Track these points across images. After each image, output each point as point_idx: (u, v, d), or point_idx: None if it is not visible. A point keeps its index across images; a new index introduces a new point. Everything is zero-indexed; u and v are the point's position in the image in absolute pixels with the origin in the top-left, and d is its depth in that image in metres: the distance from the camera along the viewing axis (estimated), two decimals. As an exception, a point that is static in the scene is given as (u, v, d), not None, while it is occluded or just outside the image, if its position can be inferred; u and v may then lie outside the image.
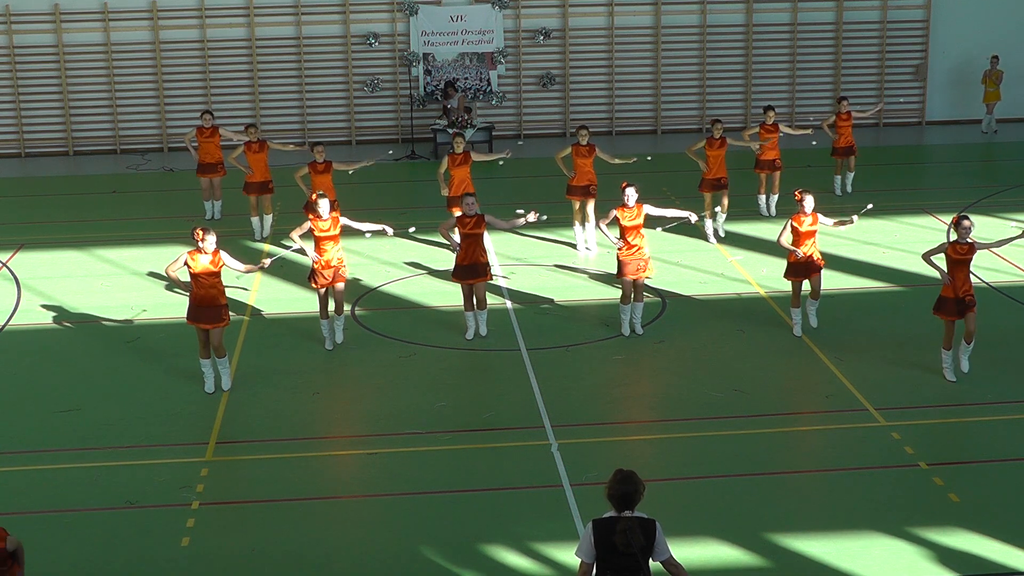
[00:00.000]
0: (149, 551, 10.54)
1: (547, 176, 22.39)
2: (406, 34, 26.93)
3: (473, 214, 14.90)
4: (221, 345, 13.60)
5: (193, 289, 13.45)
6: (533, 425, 12.80)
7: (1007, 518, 10.77)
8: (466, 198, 15.06)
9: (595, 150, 18.41)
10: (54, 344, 15.49)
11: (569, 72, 27.36)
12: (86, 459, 12.25)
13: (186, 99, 26.82)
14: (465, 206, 14.98)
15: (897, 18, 27.78)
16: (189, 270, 13.39)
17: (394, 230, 15.88)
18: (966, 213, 13.69)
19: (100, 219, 21.42)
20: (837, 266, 17.57)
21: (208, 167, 20.56)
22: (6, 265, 18.57)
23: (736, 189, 19.89)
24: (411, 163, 25.49)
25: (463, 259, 14.98)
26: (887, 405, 13.11)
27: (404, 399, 13.53)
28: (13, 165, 26.21)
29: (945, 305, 13.47)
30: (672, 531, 9.01)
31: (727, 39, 27.64)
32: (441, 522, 10.96)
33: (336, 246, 14.73)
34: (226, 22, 26.63)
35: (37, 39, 26.41)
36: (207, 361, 13.70)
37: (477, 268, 14.99)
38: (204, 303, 13.40)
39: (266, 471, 11.99)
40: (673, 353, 14.79)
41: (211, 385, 13.77)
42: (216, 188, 20.73)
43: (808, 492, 11.47)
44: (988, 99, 26.96)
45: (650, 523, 7.77)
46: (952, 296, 13.40)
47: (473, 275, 14.98)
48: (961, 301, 13.37)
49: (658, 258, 17.85)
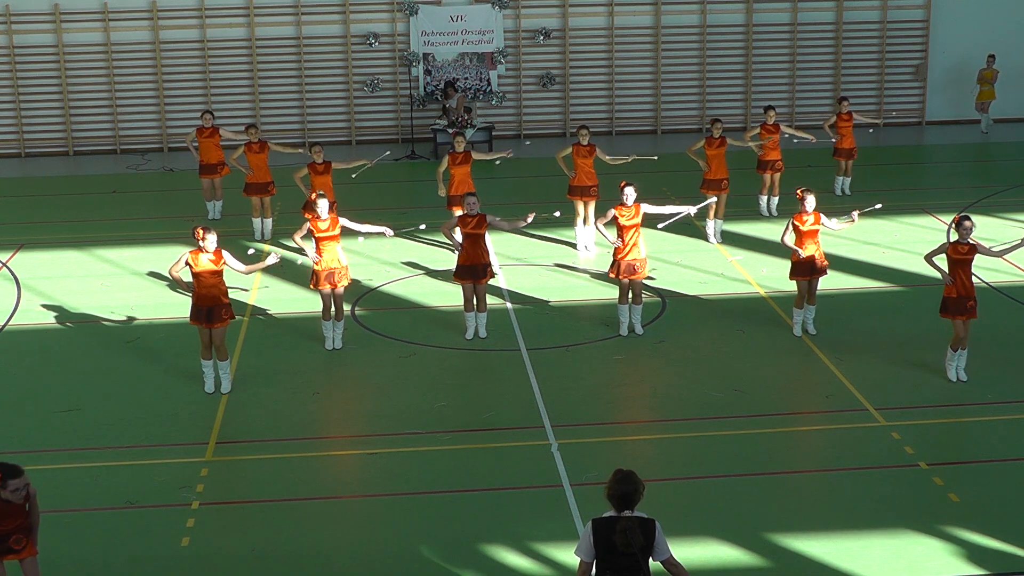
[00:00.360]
0: (149, 551, 10.54)
1: (547, 176, 22.40)
2: (406, 34, 26.93)
3: (475, 214, 14.90)
4: (223, 346, 13.59)
5: (195, 289, 13.45)
6: (533, 425, 12.80)
7: (1007, 518, 10.77)
8: (468, 198, 15.06)
9: (596, 150, 18.42)
10: (54, 344, 15.49)
11: (569, 72, 27.36)
12: (86, 459, 12.25)
13: (186, 99, 26.83)
14: (467, 206, 14.98)
15: (897, 18, 27.78)
16: (191, 270, 13.39)
17: (394, 232, 15.84)
18: (967, 213, 13.69)
19: (100, 219, 21.42)
20: (837, 266, 17.56)
21: (209, 167, 20.56)
22: (6, 265, 18.57)
23: (736, 189, 19.88)
24: (411, 163, 25.49)
25: (465, 259, 14.97)
26: (887, 405, 13.11)
27: (404, 399, 13.53)
28: (13, 165, 26.21)
29: (950, 305, 13.49)
30: (672, 531, 9.01)
31: (727, 39, 27.64)
32: (441, 522, 10.96)
33: (336, 246, 14.72)
34: (226, 22, 26.63)
35: (37, 39, 26.41)
36: (208, 362, 13.70)
37: (478, 269, 14.98)
38: (206, 303, 13.39)
39: (266, 471, 11.99)
40: (673, 353, 14.78)
41: (211, 386, 13.76)
42: (217, 188, 20.73)
43: (808, 492, 11.47)
44: (983, 98, 26.97)
45: (650, 523, 7.77)
46: (955, 296, 13.42)
47: (474, 276, 14.98)
48: (964, 302, 13.40)
49: (658, 258, 17.88)
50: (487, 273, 15.08)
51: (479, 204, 15.04)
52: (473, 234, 14.89)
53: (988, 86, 26.89)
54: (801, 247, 14.77)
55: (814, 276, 14.93)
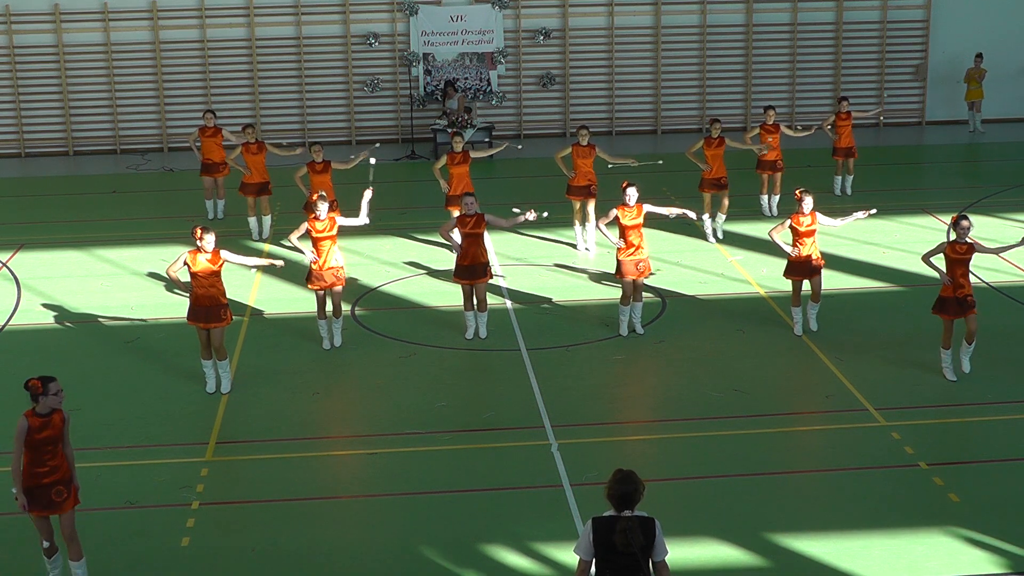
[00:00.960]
0: (149, 551, 10.54)
1: (547, 176, 22.40)
2: (406, 34, 26.94)
3: (473, 213, 14.90)
4: (222, 346, 13.58)
5: (193, 289, 13.44)
6: (533, 425, 12.80)
7: (1007, 518, 10.77)
8: (466, 198, 15.07)
9: (595, 150, 18.41)
10: (54, 344, 15.49)
11: (569, 72, 27.36)
12: (86, 459, 12.23)
13: (186, 99, 26.84)
14: (465, 206, 14.99)
15: (897, 18, 27.80)
16: (189, 269, 13.38)
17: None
18: (965, 213, 13.69)
19: (100, 219, 21.43)
20: (837, 266, 17.58)
21: (211, 166, 20.57)
22: (6, 265, 18.58)
23: (736, 189, 19.89)
24: (411, 163, 25.49)
25: (463, 259, 14.98)
26: (887, 405, 13.11)
27: (404, 399, 13.53)
28: (13, 165, 26.22)
29: (945, 304, 13.49)
30: (672, 531, 9.01)
31: (727, 39, 27.65)
32: (441, 522, 10.95)
33: (333, 246, 14.72)
34: (226, 22, 26.64)
35: (37, 39, 26.42)
36: (208, 362, 13.69)
37: (477, 268, 14.98)
38: (204, 303, 13.37)
39: (266, 471, 11.99)
40: (673, 353, 14.78)
41: (212, 386, 13.77)
42: (220, 187, 20.73)
43: (808, 492, 11.46)
44: (971, 97, 26.99)
45: (650, 522, 7.77)
46: (952, 295, 13.42)
47: (473, 275, 14.98)
48: (962, 300, 13.38)
49: (658, 258, 17.87)
50: (486, 273, 15.08)
51: (477, 204, 15.04)
52: (472, 234, 14.89)
53: (976, 85, 26.91)
54: (798, 246, 14.78)
55: (810, 277, 14.93)
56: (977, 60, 26.88)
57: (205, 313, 13.39)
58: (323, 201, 14.61)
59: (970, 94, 27.01)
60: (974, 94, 26.97)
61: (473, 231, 14.89)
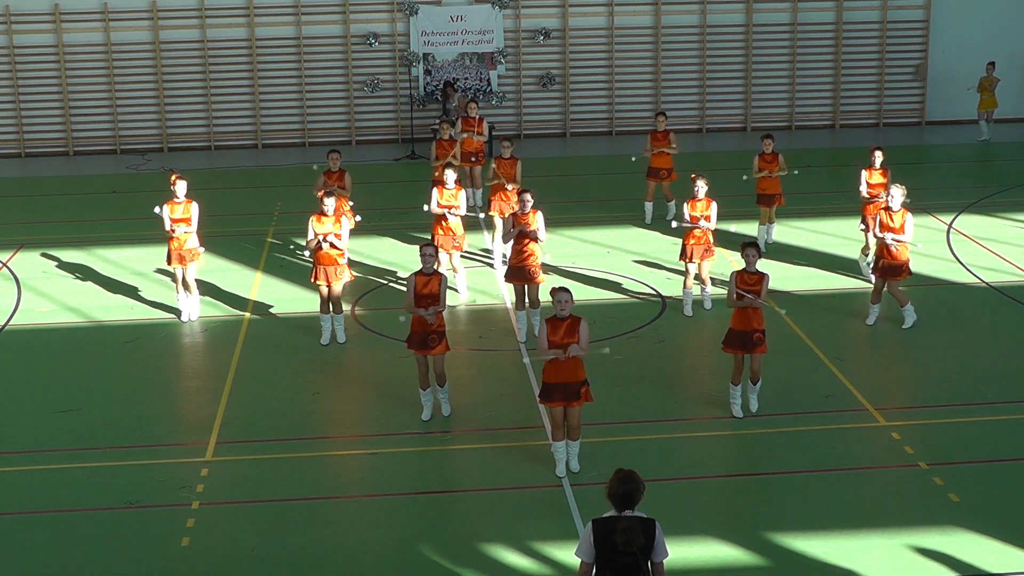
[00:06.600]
0: (149, 551, 10.54)
1: (547, 176, 22.38)
2: (406, 34, 26.93)
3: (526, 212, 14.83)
4: (339, 301, 14.97)
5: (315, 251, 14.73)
6: (533, 425, 12.81)
7: (1007, 518, 10.77)
8: (523, 196, 14.98)
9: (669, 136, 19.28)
10: (54, 344, 15.49)
11: (569, 72, 27.36)
12: (86, 459, 12.25)
13: (186, 99, 26.84)
14: (522, 203, 14.91)
15: (897, 18, 27.78)
16: (314, 232, 14.70)
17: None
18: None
19: (100, 219, 21.42)
20: (837, 266, 17.58)
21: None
22: (6, 265, 18.57)
23: (736, 189, 19.83)
24: (411, 163, 25.48)
25: (514, 259, 14.98)
26: (887, 405, 13.11)
27: (404, 399, 13.53)
28: (13, 165, 26.21)
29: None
30: (672, 531, 9.02)
31: (727, 39, 27.64)
32: (441, 522, 10.96)
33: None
34: (226, 22, 26.63)
35: (37, 39, 26.41)
36: (326, 316, 15.01)
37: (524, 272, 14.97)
38: (326, 262, 14.75)
39: (266, 471, 11.99)
40: (673, 353, 14.78)
41: (327, 338, 15.04)
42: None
43: (808, 492, 11.46)
44: (984, 106, 26.76)
45: (650, 523, 7.78)
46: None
47: (520, 277, 14.99)
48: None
49: (658, 258, 17.88)
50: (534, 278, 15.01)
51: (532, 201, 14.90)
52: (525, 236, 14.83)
53: (989, 94, 26.73)
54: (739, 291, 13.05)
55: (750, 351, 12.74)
56: (989, 68, 26.65)
57: (323, 272, 14.76)
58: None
59: (984, 104, 26.79)
60: (988, 103, 26.76)
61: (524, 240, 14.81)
